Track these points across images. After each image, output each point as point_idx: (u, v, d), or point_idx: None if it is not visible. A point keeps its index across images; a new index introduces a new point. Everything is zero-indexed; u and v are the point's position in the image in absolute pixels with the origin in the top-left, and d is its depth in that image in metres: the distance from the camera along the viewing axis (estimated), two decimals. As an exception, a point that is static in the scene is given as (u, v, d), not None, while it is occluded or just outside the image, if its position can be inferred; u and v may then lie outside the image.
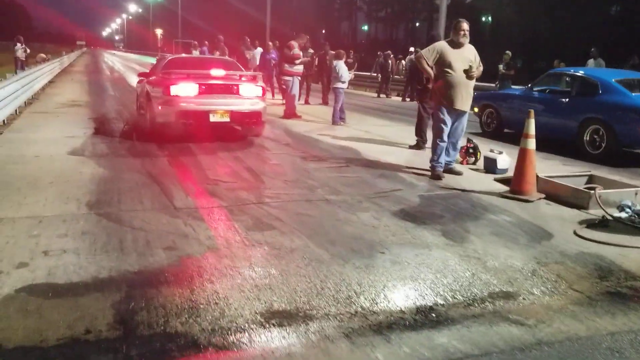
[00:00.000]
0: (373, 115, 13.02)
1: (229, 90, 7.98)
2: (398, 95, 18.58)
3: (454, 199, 5.26)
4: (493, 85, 15.71)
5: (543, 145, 8.41)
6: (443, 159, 6.13)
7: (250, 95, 8.09)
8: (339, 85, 11.01)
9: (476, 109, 10.65)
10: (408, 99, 17.27)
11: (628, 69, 12.98)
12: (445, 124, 5.99)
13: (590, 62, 14.05)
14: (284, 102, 12.07)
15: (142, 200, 4.93)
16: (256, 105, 8.11)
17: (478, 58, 6.04)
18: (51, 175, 5.71)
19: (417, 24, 56.36)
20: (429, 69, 5.99)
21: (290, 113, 11.52)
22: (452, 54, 5.90)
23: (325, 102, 14.62)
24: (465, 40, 5.96)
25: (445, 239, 4.09)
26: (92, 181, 5.54)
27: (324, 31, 58.19)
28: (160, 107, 7.82)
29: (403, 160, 7.24)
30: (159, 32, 52.37)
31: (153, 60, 43.54)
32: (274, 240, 3.94)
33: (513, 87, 14.38)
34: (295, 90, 11.74)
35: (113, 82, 21.98)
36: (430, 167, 6.20)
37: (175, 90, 7.72)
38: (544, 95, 9.16)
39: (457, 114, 6.02)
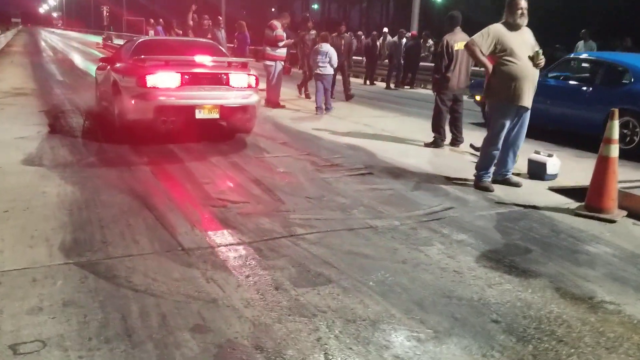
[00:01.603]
0: (361, 104, 11.93)
1: (218, 80, 6.72)
2: (382, 81, 17.37)
3: (524, 221, 4.29)
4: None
5: (561, 139, 7.65)
6: (493, 169, 5.16)
7: (243, 86, 6.86)
8: (330, 71, 9.95)
9: (478, 97, 9.77)
10: (393, 86, 16.15)
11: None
12: (504, 127, 4.98)
13: (580, 44, 13.40)
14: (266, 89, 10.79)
15: (136, 237, 3.71)
16: (250, 98, 6.90)
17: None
18: (5, 199, 4.38)
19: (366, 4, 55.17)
20: (485, 59, 4.94)
21: (273, 102, 10.31)
22: (512, 39, 4.87)
23: (348, 97, 12.24)
24: (524, 20, 4.92)
25: (558, 290, 3.11)
26: (62, 207, 4.26)
27: (273, 9, 56.03)
28: (133, 102, 6.49)
29: (428, 163, 6.24)
30: (105, 9, 49.01)
31: (98, 39, 40.82)
32: (339, 305, 2.85)
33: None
34: (279, 76, 10.51)
35: (59, 65, 19.93)
36: (475, 176, 5.21)
37: (152, 80, 6.40)
38: (562, 83, 8.33)
39: (518, 113, 5.01)
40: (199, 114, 6.56)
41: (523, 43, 4.90)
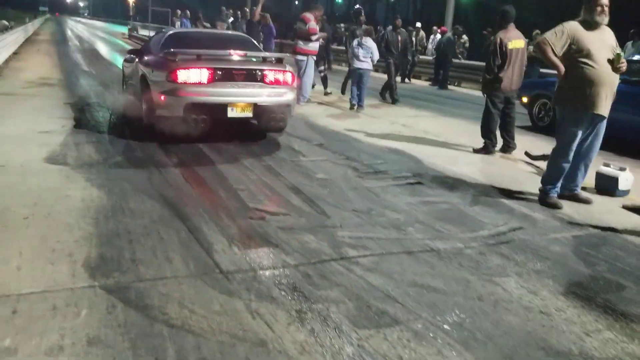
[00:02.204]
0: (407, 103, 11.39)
1: (252, 76, 6.26)
2: (419, 79, 16.62)
3: (606, 247, 3.76)
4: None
5: (616, 148, 7.04)
6: (560, 183, 4.63)
7: (278, 83, 6.40)
8: (370, 67, 9.55)
9: (525, 99, 9.19)
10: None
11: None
12: (576, 136, 4.45)
13: (629, 45, 12.64)
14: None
15: (169, 254, 3.29)
16: (286, 96, 6.44)
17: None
18: (25, 204, 3.99)
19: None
20: (557, 61, 4.41)
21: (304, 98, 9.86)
22: (589, 38, 4.33)
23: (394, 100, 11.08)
24: (604, 19, 4.37)
25: (670, 342, 2.60)
26: (87, 215, 3.85)
27: (297, 2, 55.13)
28: (163, 97, 6.08)
29: (481, 173, 5.72)
30: (131, -1, 49.00)
31: (123, 29, 40.76)
32: (413, 357, 2.37)
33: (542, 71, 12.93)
34: (310, 72, 10.04)
35: (85, 55, 19.71)
36: (540, 190, 4.69)
37: (184, 75, 5.98)
38: (627, 87, 7.68)
39: (592, 122, 4.47)
40: (231, 113, 6.13)
41: (602, 44, 4.35)
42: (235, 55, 6.48)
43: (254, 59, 6.63)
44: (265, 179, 5.08)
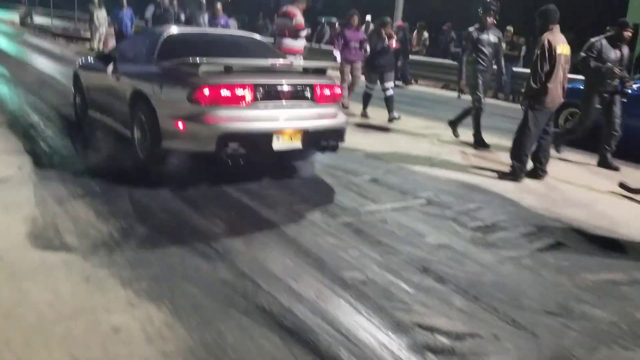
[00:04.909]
0: (402, 111, 10.12)
1: (300, 93, 4.69)
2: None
3: None
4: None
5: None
6: None
7: (329, 101, 4.89)
8: None
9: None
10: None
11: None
12: None
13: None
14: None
15: None
16: (339, 118, 4.96)
17: None
18: (55, 365, 2.25)
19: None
20: None
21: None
22: None
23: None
24: None
25: None
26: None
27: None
28: (182, 125, 4.37)
29: (599, 216, 4.62)
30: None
31: (9, 15, 34.50)
32: None
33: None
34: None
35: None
36: None
37: (215, 94, 4.29)
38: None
39: None
40: (277, 143, 4.53)
41: None
42: (274, 64, 4.84)
43: (296, 68, 5.02)
44: (371, 252, 3.59)
